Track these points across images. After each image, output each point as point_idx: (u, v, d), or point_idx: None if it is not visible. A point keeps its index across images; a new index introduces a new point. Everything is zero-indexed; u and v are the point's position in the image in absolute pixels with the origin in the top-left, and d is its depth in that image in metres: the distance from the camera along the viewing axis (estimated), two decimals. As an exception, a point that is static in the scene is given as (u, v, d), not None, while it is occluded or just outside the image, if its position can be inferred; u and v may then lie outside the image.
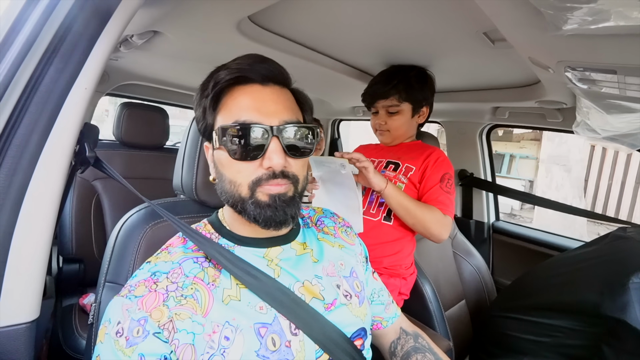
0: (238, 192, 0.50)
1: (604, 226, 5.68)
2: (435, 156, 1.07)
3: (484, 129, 1.69)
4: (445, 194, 1.00)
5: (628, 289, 0.80)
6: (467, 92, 1.40)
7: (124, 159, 1.64)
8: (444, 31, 0.86)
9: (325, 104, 2.12)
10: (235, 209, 0.52)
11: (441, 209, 0.98)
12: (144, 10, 0.78)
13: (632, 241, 0.92)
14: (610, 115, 0.84)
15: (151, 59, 1.40)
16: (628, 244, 0.92)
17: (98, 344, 0.45)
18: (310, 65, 1.18)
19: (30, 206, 0.44)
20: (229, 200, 0.52)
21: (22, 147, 0.42)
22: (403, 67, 1.10)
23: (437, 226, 0.96)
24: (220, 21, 0.88)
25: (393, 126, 1.11)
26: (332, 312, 0.55)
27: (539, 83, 1.10)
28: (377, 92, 1.09)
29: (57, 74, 0.45)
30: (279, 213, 0.49)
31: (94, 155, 0.54)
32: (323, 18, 0.88)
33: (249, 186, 0.49)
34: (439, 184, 1.01)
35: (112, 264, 0.66)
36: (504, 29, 0.67)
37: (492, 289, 1.53)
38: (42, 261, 0.46)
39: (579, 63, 0.65)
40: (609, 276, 0.86)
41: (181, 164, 0.75)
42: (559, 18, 0.49)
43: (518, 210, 6.95)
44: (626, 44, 0.53)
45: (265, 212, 0.49)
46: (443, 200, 0.99)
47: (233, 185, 0.50)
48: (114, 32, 0.51)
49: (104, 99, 2.25)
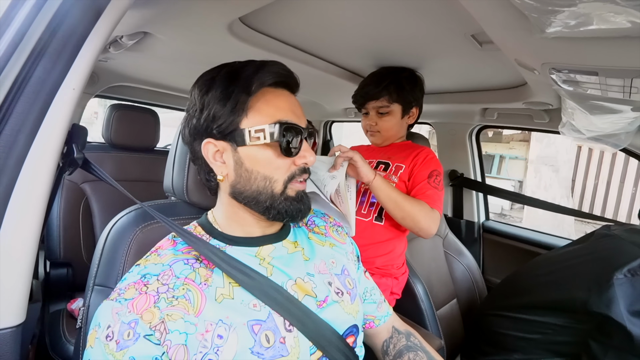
0: (272, 188, 0.52)
1: (591, 225, 5.80)
2: (424, 154, 1.08)
3: (474, 130, 1.72)
4: (433, 189, 1.02)
5: (612, 285, 0.82)
6: (456, 94, 1.43)
7: (114, 161, 1.61)
8: (433, 33, 0.88)
9: (317, 105, 2.13)
10: (253, 205, 0.53)
11: (429, 202, 0.99)
12: (134, 11, 0.77)
13: (616, 238, 0.94)
14: (594, 115, 0.87)
15: (141, 60, 1.39)
16: (613, 241, 0.94)
17: (88, 349, 0.44)
18: (302, 67, 1.18)
19: (17, 208, 0.43)
20: (252, 198, 0.52)
21: (8, 148, 0.42)
22: (394, 69, 1.12)
23: (425, 219, 0.96)
24: (211, 23, 0.87)
25: (384, 127, 1.12)
26: (325, 309, 0.55)
27: (525, 85, 1.12)
28: (368, 93, 1.09)
29: (45, 73, 0.44)
30: (305, 206, 0.55)
31: (82, 156, 0.54)
32: (314, 20, 0.89)
33: (284, 182, 0.53)
34: (427, 180, 1.02)
35: (102, 267, 0.65)
36: (490, 32, 0.69)
37: (483, 288, 1.55)
38: (29, 264, 0.45)
39: (562, 65, 0.67)
40: (595, 273, 0.88)
41: (172, 166, 0.74)
42: (542, 21, 0.50)
43: (508, 210, 7.06)
44: (607, 46, 0.55)
45: (295, 206, 0.54)
46: (431, 194, 1.00)
47: (268, 182, 0.52)
48: (103, 31, 0.50)
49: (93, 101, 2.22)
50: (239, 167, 0.52)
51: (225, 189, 0.56)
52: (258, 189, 0.52)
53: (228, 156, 0.53)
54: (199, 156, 0.55)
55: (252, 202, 0.53)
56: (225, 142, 0.53)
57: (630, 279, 0.82)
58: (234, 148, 0.52)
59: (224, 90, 0.51)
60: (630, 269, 0.83)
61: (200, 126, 0.53)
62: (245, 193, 0.53)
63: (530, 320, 0.98)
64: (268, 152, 0.52)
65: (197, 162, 0.57)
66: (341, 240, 0.68)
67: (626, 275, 0.83)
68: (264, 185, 0.52)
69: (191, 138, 0.55)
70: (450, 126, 1.76)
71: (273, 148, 0.52)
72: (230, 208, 0.57)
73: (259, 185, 0.52)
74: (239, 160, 0.52)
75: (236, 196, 0.54)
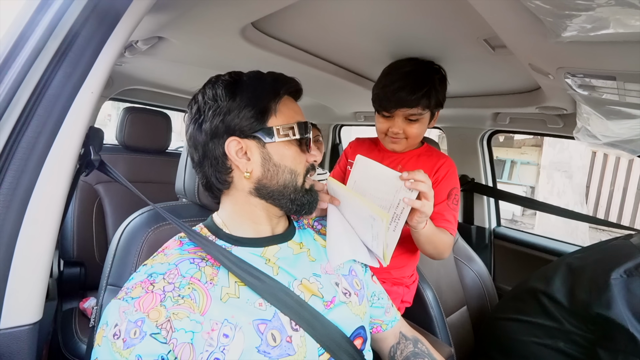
0: (296, 180, 0.58)
1: (606, 232, 5.65)
2: (445, 169, 0.97)
3: (485, 135, 1.70)
4: (452, 211, 0.94)
5: (610, 285, 0.80)
6: (468, 98, 1.41)
7: (127, 162, 1.65)
8: (445, 37, 0.87)
9: (327, 109, 2.14)
10: (274, 200, 0.57)
11: (449, 229, 0.91)
12: (149, 17, 0.79)
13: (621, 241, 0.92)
14: (611, 121, 0.85)
15: (155, 64, 1.42)
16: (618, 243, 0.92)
17: (95, 347, 0.45)
18: (312, 70, 1.19)
19: (36, 208, 0.45)
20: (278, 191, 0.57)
21: (29, 150, 0.43)
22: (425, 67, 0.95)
23: (448, 250, 0.91)
24: (224, 27, 0.89)
25: (412, 134, 0.94)
26: (332, 310, 0.55)
27: (539, 89, 1.10)
28: (402, 99, 0.90)
29: (65, 78, 0.46)
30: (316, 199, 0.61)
31: (98, 158, 0.55)
32: (325, 24, 0.89)
33: (303, 175, 0.59)
34: (447, 201, 0.93)
35: (114, 267, 0.67)
36: (504, 36, 0.68)
37: (494, 295, 1.52)
38: (46, 263, 0.46)
39: (578, 69, 0.66)
40: (595, 274, 0.86)
41: (184, 168, 0.75)
42: (558, 25, 0.49)
43: (520, 216, 6.93)
44: (625, 50, 0.54)
45: (311, 198, 0.60)
46: (449, 218, 0.92)
47: (293, 175, 0.57)
48: (121, 37, 0.52)
49: (106, 104, 2.27)
50: (267, 162, 0.56)
51: (244, 187, 0.57)
52: (285, 182, 0.57)
53: (254, 153, 0.55)
54: (211, 155, 0.56)
55: (277, 195, 0.57)
56: (250, 140, 0.55)
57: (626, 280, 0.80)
58: (262, 144, 0.55)
59: (254, 92, 0.56)
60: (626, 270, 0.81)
61: (222, 126, 0.54)
62: (271, 187, 0.57)
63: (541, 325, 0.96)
64: (293, 148, 0.57)
65: (206, 162, 0.57)
66: None
67: (622, 275, 0.81)
68: (290, 178, 0.57)
69: (207, 138, 0.55)
70: (461, 130, 1.74)
71: (295, 145, 0.58)
72: (247, 207, 0.58)
73: (286, 179, 0.57)
74: (267, 156, 0.56)
75: (260, 191, 0.57)
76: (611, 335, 0.80)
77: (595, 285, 0.84)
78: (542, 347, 0.95)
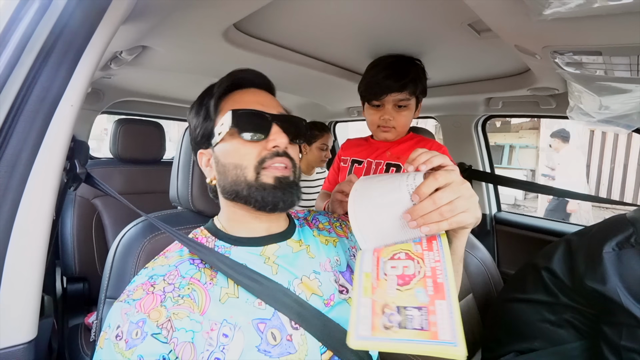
0: (244, 175, 0.53)
1: (610, 210, 5.63)
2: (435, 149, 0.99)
3: (479, 121, 1.69)
4: None
5: (602, 258, 0.79)
6: (459, 85, 1.40)
7: (122, 174, 1.64)
8: (429, 25, 0.86)
9: (320, 107, 2.13)
10: (240, 199, 0.54)
11: None
12: (129, 25, 0.79)
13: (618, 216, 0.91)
14: (603, 97, 0.84)
15: (143, 74, 1.41)
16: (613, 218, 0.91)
17: (97, 351, 0.46)
18: (301, 69, 1.18)
19: (24, 224, 0.44)
20: (233, 190, 0.54)
21: (11, 167, 0.43)
22: (407, 59, 1.03)
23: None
24: (206, 31, 0.88)
25: (401, 122, 1.01)
26: (333, 308, 0.55)
27: (529, 71, 1.10)
28: (391, 85, 0.96)
29: (43, 92, 0.45)
30: (286, 193, 0.53)
31: (84, 171, 0.55)
32: (308, 20, 0.88)
33: (255, 167, 0.53)
34: None
35: (112, 279, 0.66)
36: (486, 18, 0.67)
37: (499, 281, 1.51)
38: (37, 279, 0.46)
39: (564, 47, 0.65)
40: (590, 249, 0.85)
41: (176, 176, 0.75)
42: (539, 3, 0.49)
43: (522, 200, 6.91)
44: (608, 24, 0.53)
45: (273, 194, 0.53)
46: None
47: (239, 170, 0.54)
48: (98, 47, 0.51)
49: (102, 118, 2.27)
50: (217, 164, 0.57)
51: (219, 192, 0.60)
52: (233, 179, 0.54)
53: (211, 160, 0.59)
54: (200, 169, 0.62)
55: (235, 195, 0.55)
56: (208, 148, 0.59)
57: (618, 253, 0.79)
58: (212, 150, 0.58)
59: (199, 103, 0.60)
60: (618, 242, 0.80)
61: (193, 144, 0.61)
62: (226, 187, 0.56)
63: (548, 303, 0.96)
64: (235, 142, 0.55)
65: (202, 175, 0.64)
66: (344, 234, 0.68)
67: (614, 249, 0.80)
68: (235, 174, 0.54)
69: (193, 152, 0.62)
70: (455, 118, 1.73)
71: (237, 137, 0.54)
72: (229, 209, 0.59)
73: (232, 175, 0.54)
74: (217, 159, 0.57)
75: (225, 194, 0.57)
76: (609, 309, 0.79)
77: (591, 259, 0.83)
78: (548, 324, 0.95)
